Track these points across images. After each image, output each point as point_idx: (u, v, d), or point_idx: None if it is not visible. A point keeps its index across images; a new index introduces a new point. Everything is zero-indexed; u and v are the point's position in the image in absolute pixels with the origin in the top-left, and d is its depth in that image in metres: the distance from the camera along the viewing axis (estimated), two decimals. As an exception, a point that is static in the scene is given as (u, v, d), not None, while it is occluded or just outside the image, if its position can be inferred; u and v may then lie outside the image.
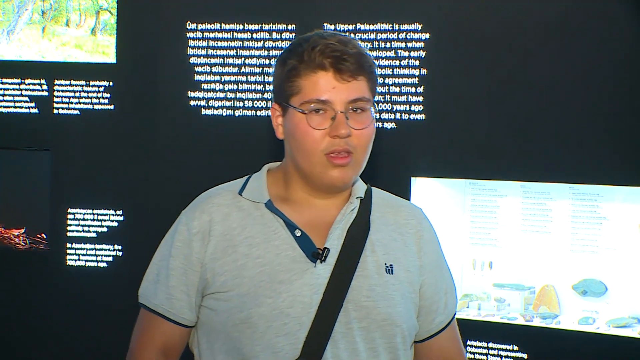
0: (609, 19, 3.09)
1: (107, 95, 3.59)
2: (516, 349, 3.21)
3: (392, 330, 1.81)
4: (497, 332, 3.25)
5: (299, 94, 1.77)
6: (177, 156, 3.51)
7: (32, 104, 3.62)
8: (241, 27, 3.48)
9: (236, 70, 3.49)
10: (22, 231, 3.65)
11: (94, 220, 3.61)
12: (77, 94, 3.61)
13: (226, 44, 3.50)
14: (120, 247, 3.60)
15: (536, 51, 3.17)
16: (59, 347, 3.61)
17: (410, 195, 3.32)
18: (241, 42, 3.48)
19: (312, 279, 1.77)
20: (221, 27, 3.50)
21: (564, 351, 3.15)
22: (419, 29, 3.32)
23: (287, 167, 1.86)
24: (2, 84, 3.64)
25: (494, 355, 3.24)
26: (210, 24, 3.50)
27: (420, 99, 3.33)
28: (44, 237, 3.63)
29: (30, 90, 3.62)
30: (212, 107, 3.51)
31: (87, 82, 3.60)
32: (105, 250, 3.61)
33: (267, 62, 3.46)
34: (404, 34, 3.34)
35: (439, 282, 1.94)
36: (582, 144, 3.11)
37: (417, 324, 1.89)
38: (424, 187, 3.36)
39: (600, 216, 3.17)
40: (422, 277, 1.90)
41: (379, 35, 3.36)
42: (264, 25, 3.46)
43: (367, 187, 1.92)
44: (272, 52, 3.44)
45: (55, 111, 3.62)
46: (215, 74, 3.51)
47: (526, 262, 3.30)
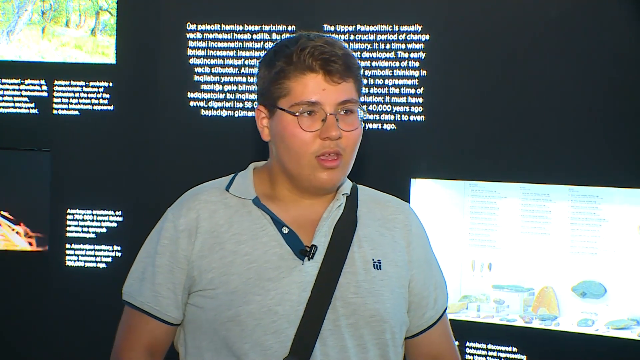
0: (608, 20, 3.09)
1: (107, 95, 3.59)
2: (515, 350, 3.21)
3: (381, 326, 1.80)
4: (496, 333, 3.25)
5: (287, 96, 1.76)
6: (177, 157, 3.51)
7: (32, 105, 3.62)
8: (241, 27, 3.48)
9: (236, 71, 3.49)
10: (22, 231, 3.65)
11: (93, 220, 3.61)
12: (76, 95, 3.60)
13: (226, 45, 3.50)
14: (119, 248, 3.59)
15: (536, 53, 3.17)
16: (58, 348, 3.61)
17: (409, 196, 3.32)
18: (241, 43, 3.48)
19: (300, 277, 1.77)
20: (221, 27, 3.50)
21: (563, 353, 3.15)
22: (419, 30, 3.33)
23: (273, 167, 1.85)
24: (2, 84, 3.63)
25: (493, 356, 3.23)
26: (210, 25, 3.50)
27: (420, 100, 3.33)
28: (44, 237, 3.63)
29: (30, 90, 3.62)
30: (212, 107, 3.51)
31: (87, 83, 3.60)
32: (104, 251, 3.61)
33: (266, 63, 3.45)
34: (404, 35, 3.34)
35: (428, 277, 1.93)
36: (582, 146, 3.11)
37: (407, 320, 1.89)
38: (423, 189, 3.36)
39: (599, 218, 3.17)
40: (411, 272, 1.89)
41: (379, 36, 3.36)
42: (263, 26, 3.46)
43: (352, 184, 1.91)
44: (271, 53, 3.44)
45: (54, 112, 3.61)
46: (215, 74, 3.51)
47: (525, 264, 3.30)
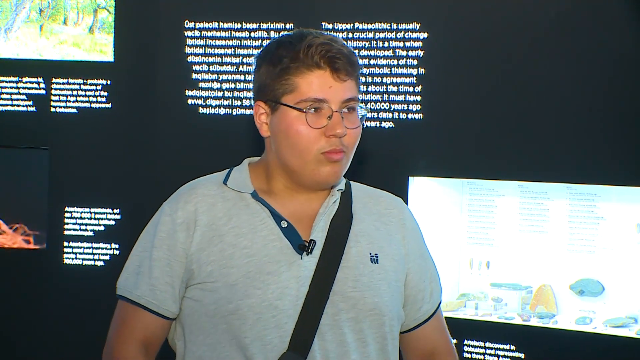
0: (607, 19, 3.09)
1: (105, 93, 3.59)
2: (513, 348, 3.21)
3: (380, 319, 1.82)
4: (494, 331, 3.25)
5: (293, 93, 1.77)
6: (175, 155, 3.51)
7: (30, 102, 3.62)
8: (239, 25, 3.48)
9: (234, 69, 3.49)
10: (20, 229, 3.65)
11: (91, 218, 3.61)
12: (74, 93, 3.60)
13: (224, 43, 3.49)
14: (117, 246, 3.59)
15: (534, 51, 3.17)
16: (57, 345, 3.60)
17: (407, 194, 3.32)
18: (239, 41, 3.48)
19: (299, 271, 1.78)
20: (219, 25, 3.50)
21: (561, 351, 3.15)
22: (417, 29, 3.32)
23: (270, 162, 1.85)
24: (0, 82, 3.63)
25: (491, 355, 3.24)
26: (208, 23, 3.50)
27: (418, 99, 3.33)
28: (42, 235, 3.63)
29: (27, 88, 3.62)
30: (210, 105, 3.51)
31: (85, 81, 3.60)
32: (102, 249, 3.60)
33: (265, 61, 3.45)
34: (402, 33, 3.34)
35: (424, 271, 1.95)
36: (580, 144, 3.11)
37: (403, 314, 1.90)
38: (421, 187, 3.36)
39: (597, 216, 3.17)
40: (407, 266, 1.91)
41: (377, 34, 3.36)
42: (262, 24, 3.46)
43: (345, 180, 1.92)
44: (270, 51, 3.44)
45: (52, 109, 3.61)
46: (213, 72, 3.50)
47: (523, 262, 3.30)
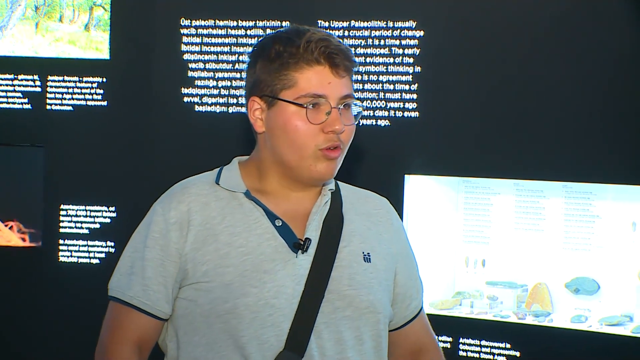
0: (604, 17, 3.09)
1: (101, 91, 3.59)
2: (509, 346, 3.21)
3: (375, 317, 1.82)
4: (490, 330, 3.25)
5: (292, 88, 1.77)
6: (171, 153, 3.51)
7: (25, 100, 3.61)
8: (235, 23, 3.48)
9: (230, 67, 3.49)
10: (15, 227, 3.64)
11: (86, 216, 3.60)
12: (70, 90, 3.59)
13: (220, 41, 3.49)
14: (112, 244, 3.59)
15: (531, 49, 3.17)
16: (52, 343, 3.60)
17: (403, 192, 3.32)
18: (235, 39, 3.48)
19: (295, 270, 1.77)
20: (215, 23, 3.50)
21: (557, 349, 3.15)
22: (414, 27, 3.32)
23: (262, 159, 1.85)
24: (-5, 79, 3.63)
25: (486, 353, 3.24)
26: (204, 21, 3.50)
27: (414, 97, 3.33)
28: (37, 233, 3.62)
29: (23, 86, 3.61)
30: (206, 103, 3.50)
31: (81, 78, 3.59)
32: (97, 246, 3.60)
33: (261, 59, 3.45)
34: (398, 31, 3.34)
35: (411, 269, 1.97)
36: (576, 142, 3.12)
37: (392, 312, 1.91)
38: (417, 185, 3.36)
39: (593, 214, 3.17)
40: (396, 265, 1.92)
41: (373, 32, 3.35)
42: (258, 22, 3.46)
43: (334, 180, 1.92)
44: (266, 49, 3.44)
45: (48, 107, 3.60)
46: (209, 70, 3.50)
47: (519, 260, 3.30)
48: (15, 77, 3.61)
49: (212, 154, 3.44)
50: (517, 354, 3.20)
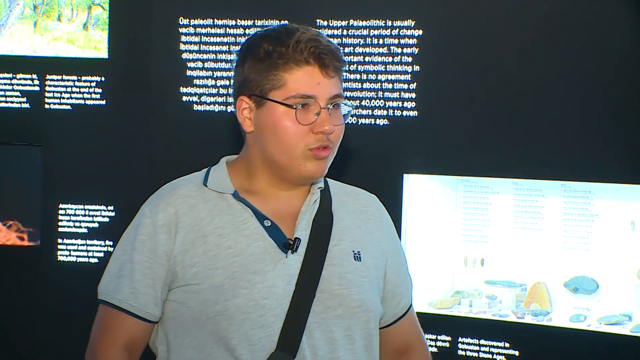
0: (603, 17, 3.09)
1: (99, 90, 3.58)
2: (507, 346, 3.21)
3: (366, 316, 1.82)
4: (489, 329, 3.25)
5: (281, 88, 1.76)
6: (169, 152, 3.51)
7: (24, 99, 3.61)
8: (234, 22, 3.48)
9: (228, 66, 3.48)
10: (13, 226, 3.64)
11: (85, 215, 3.60)
12: (68, 89, 3.59)
13: (219, 40, 3.49)
14: (111, 243, 3.58)
15: (529, 49, 3.17)
16: (50, 343, 3.60)
17: (402, 192, 3.32)
18: (234, 38, 3.48)
19: (285, 270, 1.77)
20: (214, 22, 3.49)
21: (556, 348, 3.15)
22: (412, 26, 3.32)
23: (251, 158, 1.84)
24: (-6, 78, 3.63)
25: (485, 352, 3.24)
26: (202, 20, 3.50)
27: (413, 96, 3.33)
28: (36, 232, 3.62)
29: (21, 85, 3.61)
30: (204, 102, 3.50)
31: (79, 77, 3.59)
32: (96, 246, 3.60)
33: (259, 58, 3.45)
34: (397, 30, 3.34)
35: (400, 266, 1.97)
36: (574, 141, 3.12)
37: (382, 310, 1.90)
38: (416, 184, 3.36)
39: (591, 213, 3.17)
40: (386, 262, 1.92)
41: (372, 31, 3.35)
42: (256, 21, 3.45)
43: (323, 178, 1.91)
44: (264, 48, 3.44)
45: (46, 106, 3.60)
46: (207, 69, 3.50)
47: (518, 259, 3.30)
48: (13, 76, 3.61)
49: (211, 153, 3.42)
50: (516, 353, 3.20)
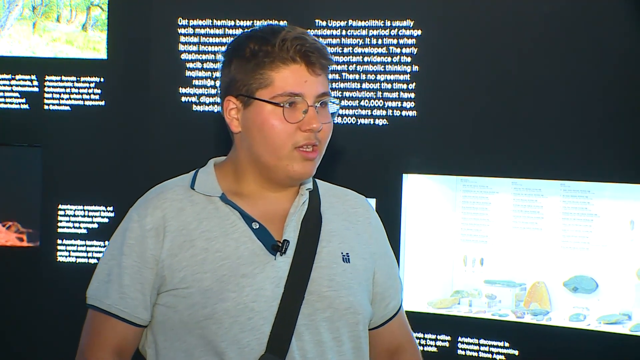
0: (602, 17, 3.09)
1: (98, 91, 3.58)
2: (507, 345, 3.21)
3: (355, 318, 1.81)
4: (488, 328, 3.25)
5: (268, 87, 1.76)
6: (168, 152, 3.51)
7: (23, 100, 3.61)
8: (233, 23, 3.48)
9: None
10: (13, 227, 3.64)
11: (84, 216, 3.60)
12: (67, 90, 3.59)
13: (217, 40, 3.49)
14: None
15: (528, 49, 3.17)
16: (49, 343, 3.59)
17: (401, 191, 3.32)
18: (233, 39, 3.47)
19: (273, 272, 1.76)
20: (213, 23, 3.49)
21: (555, 348, 3.15)
22: (411, 26, 3.32)
23: (239, 159, 1.83)
24: (-7, 79, 3.63)
25: (485, 351, 3.24)
26: (201, 20, 3.50)
27: (412, 96, 3.33)
28: (35, 233, 3.62)
29: (20, 86, 3.61)
30: (204, 103, 3.50)
31: (78, 78, 3.59)
32: (96, 246, 3.60)
33: (258, 58, 3.45)
34: (396, 30, 3.34)
35: (390, 268, 1.95)
36: (573, 141, 3.12)
37: (372, 311, 1.90)
38: (415, 184, 3.36)
39: (591, 213, 3.17)
40: (375, 264, 1.91)
41: (371, 31, 3.35)
42: (255, 21, 3.45)
43: (312, 179, 1.91)
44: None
45: (45, 107, 3.60)
46: (206, 70, 3.50)
47: (517, 259, 3.30)
48: (12, 77, 3.61)
49: (210, 154, 3.43)
50: (516, 353, 3.20)
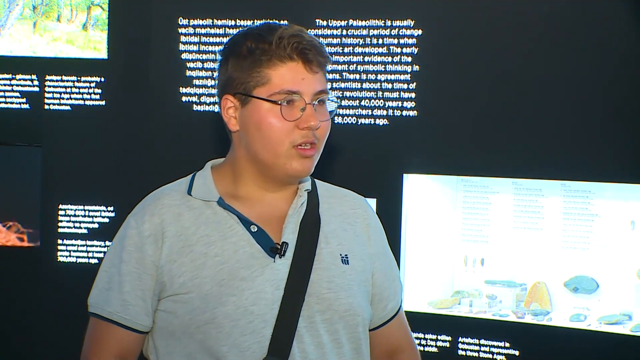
0: (602, 17, 3.09)
1: (99, 90, 3.58)
2: (508, 345, 3.21)
3: (354, 320, 1.81)
4: (489, 328, 3.25)
5: (265, 85, 1.76)
6: (169, 152, 3.51)
7: (23, 100, 3.61)
8: (233, 22, 3.48)
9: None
10: (13, 227, 3.64)
11: (85, 216, 3.60)
12: (68, 90, 3.59)
13: (218, 40, 3.49)
14: (111, 244, 3.58)
15: (529, 48, 3.17)
16: (50, 343, 3.60)
17: (402, 191, 3.31)
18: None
19: (273, 275, 1.76)
20: (213, 22, 3.49)
21: (556, 348, 3.15)
22: (412, 25, 3.32)
23: (237, 160, 1.83)
24: (-7, 79, 3.63)
25: (485, 352, 3.24)
26: (202, 20, 3.50)
27: (412, 96, 3.33)
28: (35, 233, 3.62)
29: (21, 85, 3.61)
30: (204, 103, 3.50)
31: (79, 78, 3.59)
32: (96, 246, 3.60)
33: (259, 58, 3.45)
34: (396, 30, 3.34)
35: (388, 269, 1.95)
36: (574, 141, 3.12)
37: (372, 312, 1.90)
38: (415, 184, 3.36)
39: (591, 213, 3.17)
40: (374, 265, 1.90)
41: (371, 31, 3.35)
42: (256, 21, 3.45)
43: (311, 179, 1.91)
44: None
45: (46, 107, 3.60)
46: (207, 70, 3.50)
47: (518, 259, 3.30)
48: (13, 76, 3.61)
49: (210, 153, 3.43)
50: (516, 353, 3.20)
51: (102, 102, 3.58)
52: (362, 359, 1.85)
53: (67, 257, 3.61)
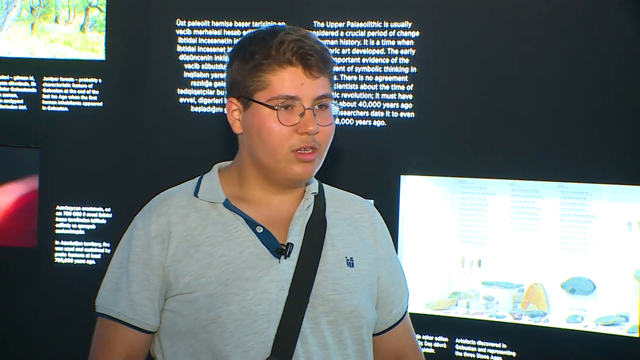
0: (600, 17, 3.09)
1: (96, 92, 3.58)
2: (505, 347, 3.22)
3: (359, 322, 1.81)
4: (486, 330, 3.25)
5: (265, 89, 1.76)
6: (166, 154, 3.51)
7: (21, 101, 3.61)
8: (231, 24, 3.48)
9: (225, 67, 3.48)
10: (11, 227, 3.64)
11: (82, 217, 3.60)
12: (66, 91, 3.59)
13: (216, 42, 3.49)
14: (108, 245, 3.58)
15: (526, 50, 3.18)
16: (47, 344, 3.60)
17: (399, 193, 3.32)
18: (231, 40, 3.48)
19: (278, 275, 1.76)
20: (211, 24, 3.50)
21: (553, 349, 3.15)
22: (409, 27, 3.32)
23: (242, 163, 1.84)
24: (-9, 80, 3.63)
25: (482, 353, 3.24)
26: (199, 21, 3.50)
27: (410, 97, 3.33)
28: (33, 234, 3.62)
29: (18, 87, 3.61)
30: (202, 104, 3.50)
31: (76, 79, 3.59)
32: (93, 247, 3.60)
33: (256, 59, 3.45)
34: (394, 31, 3.34)
35: (394, 274, 1.95)
36: (571, 142, 3.12)
37: (377, 316, 1.90)
38: (413, 185, 3.36)
39: (588, 214, 3.17)
40: (379, 269, 1.90)
41: (369, 33, 3.36)
42: (253, 22, 3.45)
43: (318, 182, 1.91)
44: (261, 50, 3.44)
45: (44, 108, 3.60)
46: (204, 71, 3.50)
47: (515, 260, 3.30)
48: (10, 78, 3.61)
49: (208, 155, 3.43)
50: (513, 354, 3.20)
51: (100, 104, 3.58)
52: None
53: (64, 258, 3.61)
